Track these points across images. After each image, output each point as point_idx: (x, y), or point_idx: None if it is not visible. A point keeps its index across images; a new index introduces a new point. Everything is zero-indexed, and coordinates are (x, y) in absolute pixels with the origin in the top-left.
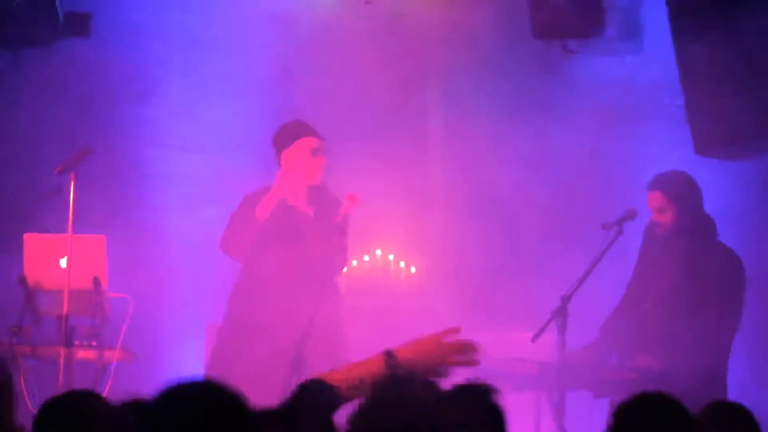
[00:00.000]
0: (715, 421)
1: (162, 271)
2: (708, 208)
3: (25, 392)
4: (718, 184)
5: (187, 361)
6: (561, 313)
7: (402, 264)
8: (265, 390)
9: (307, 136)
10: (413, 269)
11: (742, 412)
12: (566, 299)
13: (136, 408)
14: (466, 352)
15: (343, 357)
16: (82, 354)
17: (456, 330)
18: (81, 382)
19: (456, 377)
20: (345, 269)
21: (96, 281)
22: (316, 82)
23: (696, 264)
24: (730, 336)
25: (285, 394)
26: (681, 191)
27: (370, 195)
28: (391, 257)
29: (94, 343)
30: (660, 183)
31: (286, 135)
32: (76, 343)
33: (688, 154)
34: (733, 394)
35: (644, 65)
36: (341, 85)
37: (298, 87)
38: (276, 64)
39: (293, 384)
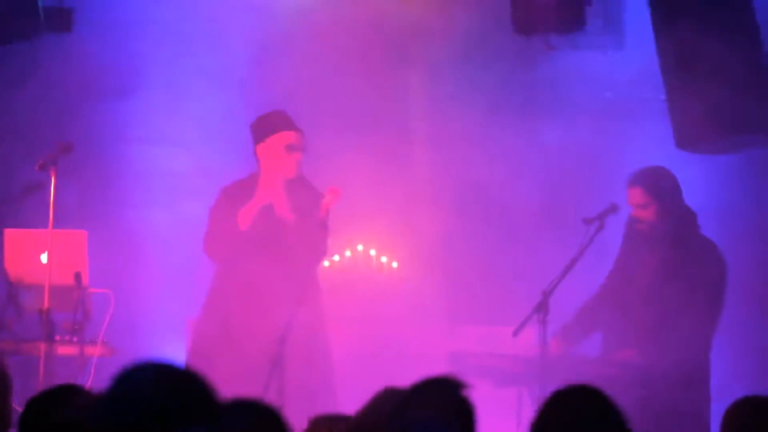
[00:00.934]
0: (749, 415)
1: (143, 267)
2: (690, 203)
3: None
4: (700, 179)
5: (168, 356)
6: (542, 308)
7: (384, 259)
8: (245, 390)
9: (283, 131)
10: (395, 264)
11: None
12: (547, 294)
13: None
14: None
15: (323, 356)
16: (62, 349)
17: None
18: (62, 377)
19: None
20: (327, 263)
21: (77, 276)
22: (298, 76)
23: (678, 257)
24: (711, 330)
25: (265, 395)
26: (662, 187)
27: (352, 190)
28: (373, 252)
29: (75, 339)
30: (640, 179)
31: (262, 129)
32: (57, 338)
33: (671, 148)
34: (715, 392)
35: (626, 60)
36: (323, 78)
37: (280, 81)
38: (257, 58)
39: (273, 385)
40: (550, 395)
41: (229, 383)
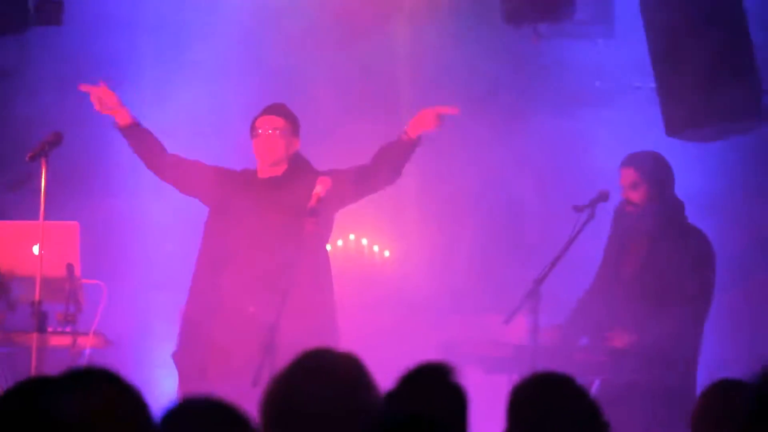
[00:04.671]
0: (722, 399)
1: (136, 257)
2: (681, 190)
3: None
4: (690, 167)
5: (161, 346)
6: (533, 296)
7: (376, 248)
8: (236, 371)
9: (254, 120)
10: (387, 253)
11: (746, 387)
12: (539, 282)
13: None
14: None
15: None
16: (55, 341)
17: None
18: (54, 369)
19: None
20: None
21: (69, 268)
22: (287, 66)
23: (666, 242)
24: (701, 319)
25: (259, 380)
26: (654, 169)
27: None
28: (365, 241)
29: (67, 330)
30: (634, 160)
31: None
32: (50, 329)
33: (661, 136)
34: (705, 380)
35: (616, 48)
36: (312, 69)
37: (269, 71)
38: (247, 48)
39: (264, 374)
40: (521, 382)
41: (220, 374)
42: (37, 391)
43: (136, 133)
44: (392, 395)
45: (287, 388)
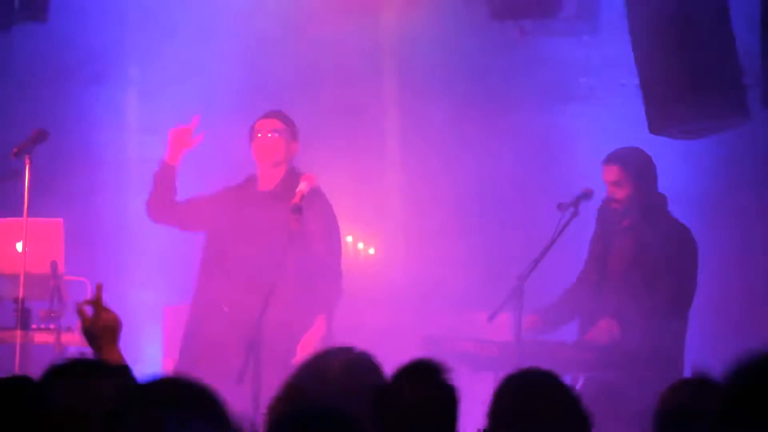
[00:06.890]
0: (689, 397)
1: (120, 254)
2: (663, 187)
3: None
4: (673, 164)
5: (146, 344)
6: (517, 293)
7: (360, 245)
8: (223, 372)
9: (254, 124)
10: (372, 251)
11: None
12: (522, 279)
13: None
14: None
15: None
16: (39, 338)
17: None
18: (38, 366)
19: (407, 358)
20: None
21: (53, 265)
22: (276, 64)
23: (650, 238)
24: (684, 313)
25: (242, 378)
26: (637, 166)
27: (328, 178)
28: (349, 239)
29: (51, 327)
30: (617, 157)
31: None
32: (34, 326)
33: (645, 133)
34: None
35: (601, 45)
36: (302, 72)
37: (259, 71)
38: (237, 46)
39: (250, 367)
40: (503, 380)
41: (209, 367)
42: (24, 383)
43: (169, 178)
44: (384, 391)
45: (303, 388)
